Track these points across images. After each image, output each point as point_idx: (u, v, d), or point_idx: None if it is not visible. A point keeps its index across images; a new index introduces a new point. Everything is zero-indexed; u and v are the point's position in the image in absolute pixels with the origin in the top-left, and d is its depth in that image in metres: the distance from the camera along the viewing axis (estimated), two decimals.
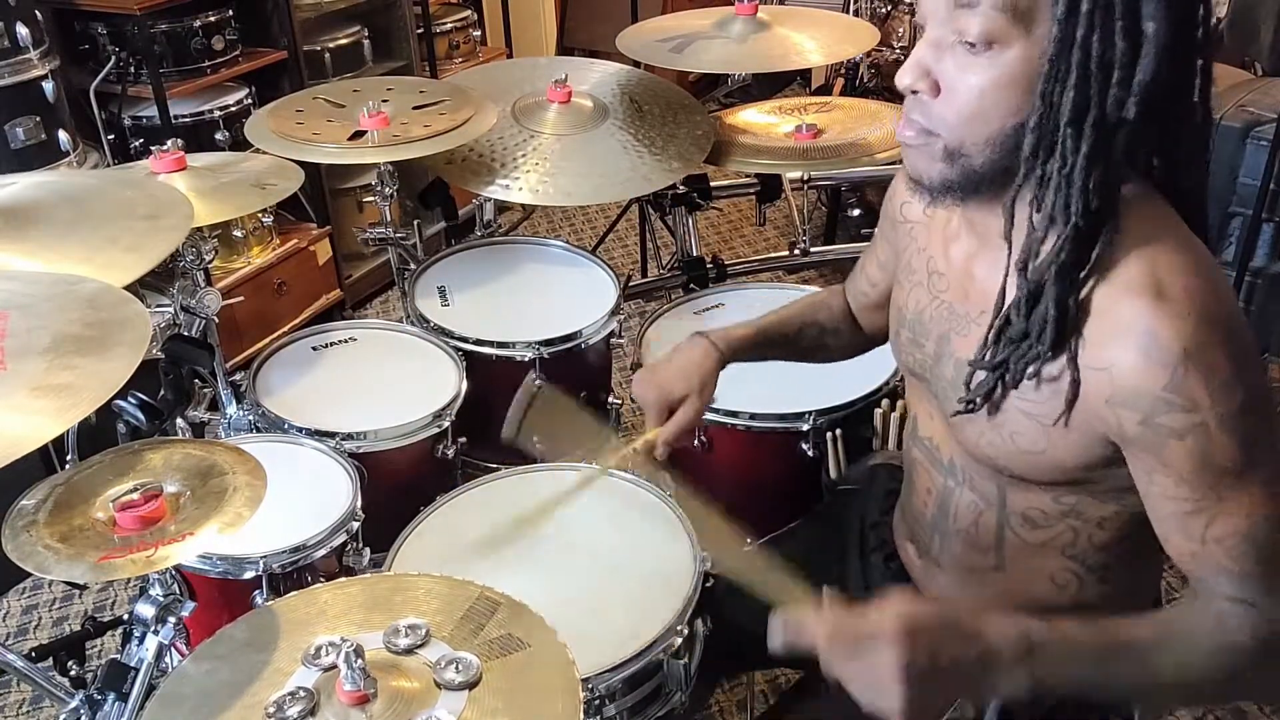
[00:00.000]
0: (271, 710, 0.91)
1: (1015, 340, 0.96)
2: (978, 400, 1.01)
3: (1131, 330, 0.89)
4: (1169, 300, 0.88)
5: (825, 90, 3.99)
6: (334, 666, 0.94)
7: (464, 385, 1.77)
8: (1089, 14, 0.84)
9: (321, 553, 1.47)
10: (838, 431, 1.62)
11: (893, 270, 1.22)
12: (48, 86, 2.33)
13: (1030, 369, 0.96)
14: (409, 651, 0.97)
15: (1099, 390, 0.92)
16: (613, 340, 1.95)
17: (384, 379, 1.81)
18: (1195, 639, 0.94)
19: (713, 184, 2.40)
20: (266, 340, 2.66)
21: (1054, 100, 0.87)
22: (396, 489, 1.68)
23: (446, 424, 1.72)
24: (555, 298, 2.00)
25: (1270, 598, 0.92)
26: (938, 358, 1.09)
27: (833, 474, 1.59)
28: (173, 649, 1.30)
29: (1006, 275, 0.97)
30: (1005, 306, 0.98)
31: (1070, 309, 0.93)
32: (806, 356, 1.42)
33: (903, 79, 0.94)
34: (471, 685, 0.94)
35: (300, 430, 1.66)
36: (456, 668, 0.95)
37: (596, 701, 1.19)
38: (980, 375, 1.00)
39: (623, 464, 1.35)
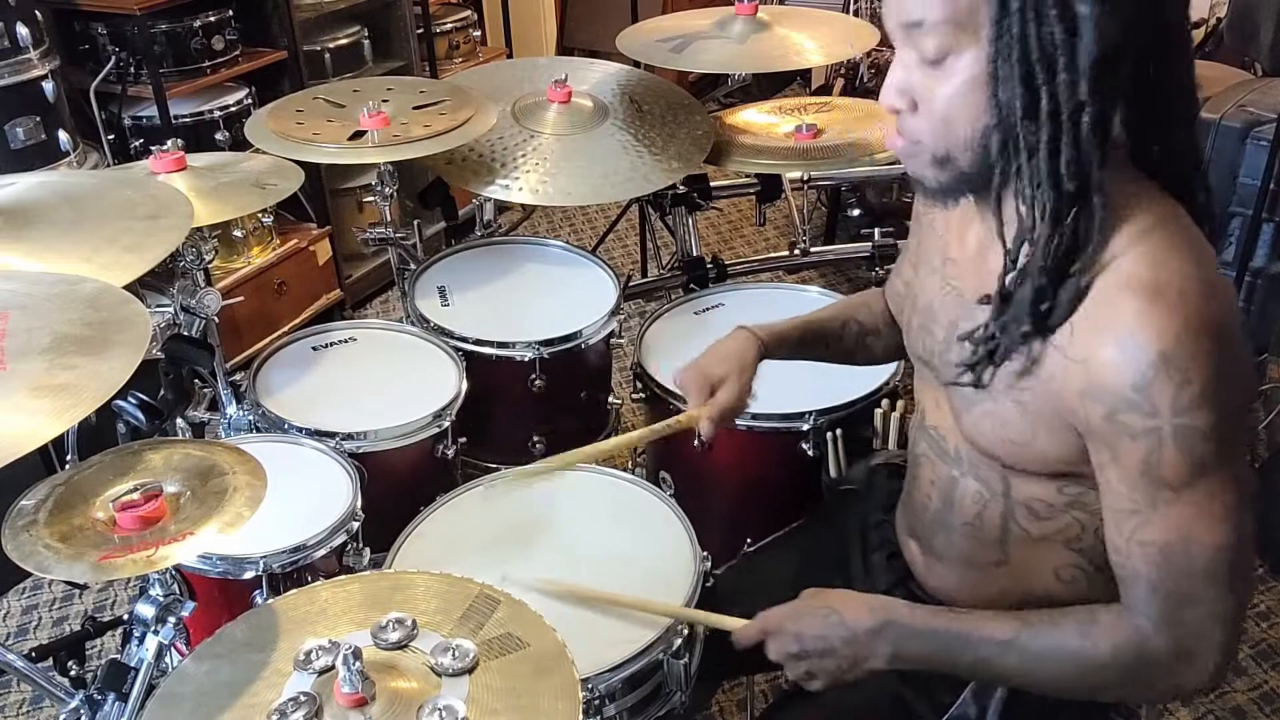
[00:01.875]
0: (275, 718, 0.91)
1: (1002, 322, 0.99)
2: (966, 372, 1.03)
3: (1116, 326, 0.90)
4: (1161, 302, 0.88)
5: (825, 90, 3.99)
6: (328, 669, 0.94)
7: (464, 385, 1.77)
8: (1020, 10, 0.87)
9: (321, 553, 1.47)
10: (838, 431, 1.62)
11: None
12: (48, 86, 2.33)
13: (1015, 351, 0.98)
14: (401, 646, 0.97)
15: (1075, 382, 0.93)
16: (613, 340, 1.95)
17: (384, 379, 1.81)
18: (1052, 643, 0.99)
19: (713, 184, 2.40)
20: (266, 340, 2.66)
21: (1004, 99, 0.90)
22: (396, 489, 1.68)
23: (446, 424, 1.72)
24: (555, 298, 2.00)
25: (1159, 624, 0.95)
26: (948, 345, 1.09)
27: (833, 474, 1.59)
28: (173, 649, 1.30)
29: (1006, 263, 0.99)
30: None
31: (1054, 296, 0.94)
32: (848, 357, 1.42)
33: (884, 101, 0.99)
34: (470, 670, 0.94)
35: (300, 430, 1.66)
36: (453, 654, 0.95)
37: (596, 701, 1.19)
38: (969, 349, 1.03)
39: (656, 436, 1.36)
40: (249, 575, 1.44)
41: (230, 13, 2.81)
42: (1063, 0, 0.86)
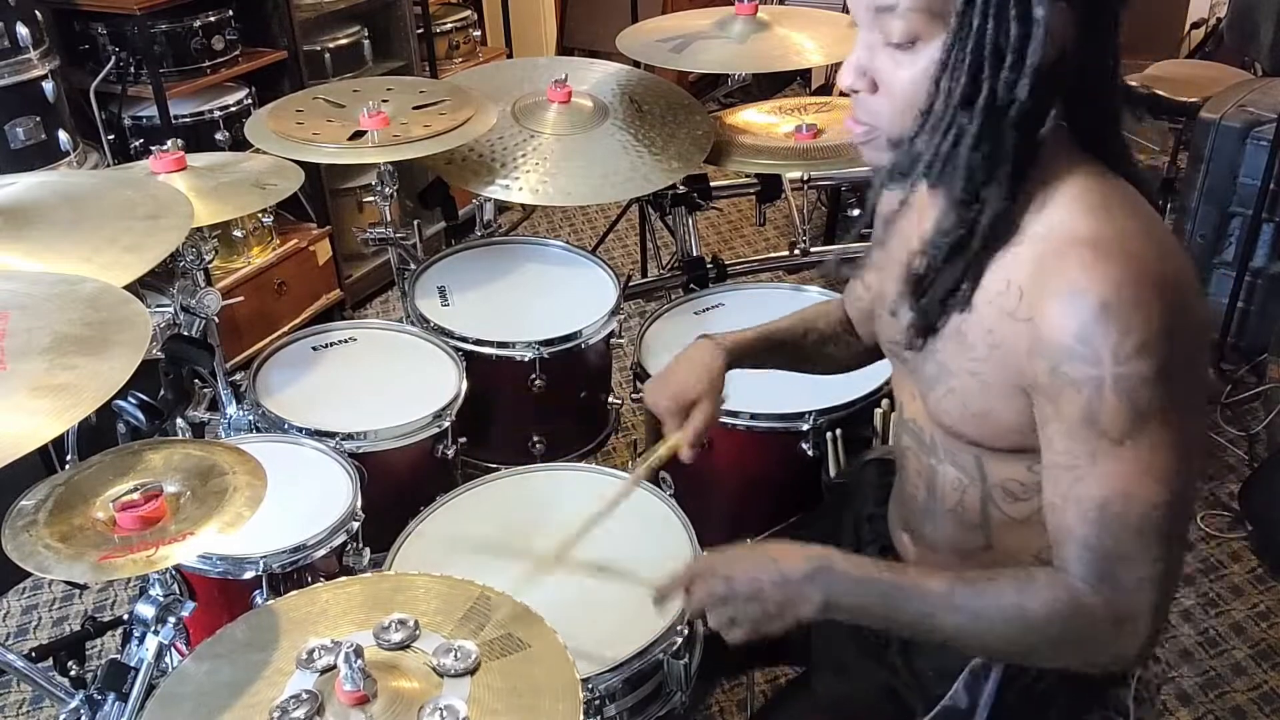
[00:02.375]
0: (276, 715, 0.91)
1: (910, 296, 1.03)
2: (905, 334, 1.06)
3: (1059, 283, 0.91)
4: (1104, 254, 0.90)
5: (825, 90, 3.99)
6: (330, 668, 0.94)
7: (464, 385, 1.77)
8: (984, 3, 0.88)
9: (321, 553, 1.47)
10: (838, 431, 1.62)
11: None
12: (48, 86, 2.33)
13: (937, 320, 1.01)
14: (403, 647, 0.97)
15: (1025, 341, 0.94)
16: (613, 340, 1.95)
17: (384, 379, 1.81)
18: (988, 602, 0.98)
19: (713, 184, 2.40)
20: (266, 340, 2.66)
21: (945, 86, 0.92)
22: (396, 489, 1.68)
23: (446, 424, 1.72)
24: (555, 298, 2.00)
25: (1094, 585, 0.94)
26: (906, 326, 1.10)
27: (832, 474, 1.59)
28: (173, 649, 1.30)
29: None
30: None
31: (959, 282, 0.98)
32: (810, 364, 1.42)
33: (843, 80, 1.00)
34: (472, 671, 0.94)
35: (300, 430, 1.66)
36: (455, 655, 0.95)
37: (596, 701, 1.19)
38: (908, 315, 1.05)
39: (650, 474, 1.33)
40: (249, 575, 1.44)
41: (230, 13, 2.81)
42: (1024, 1, 0.88)
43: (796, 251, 2.42)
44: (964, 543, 1.14)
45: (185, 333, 1.81)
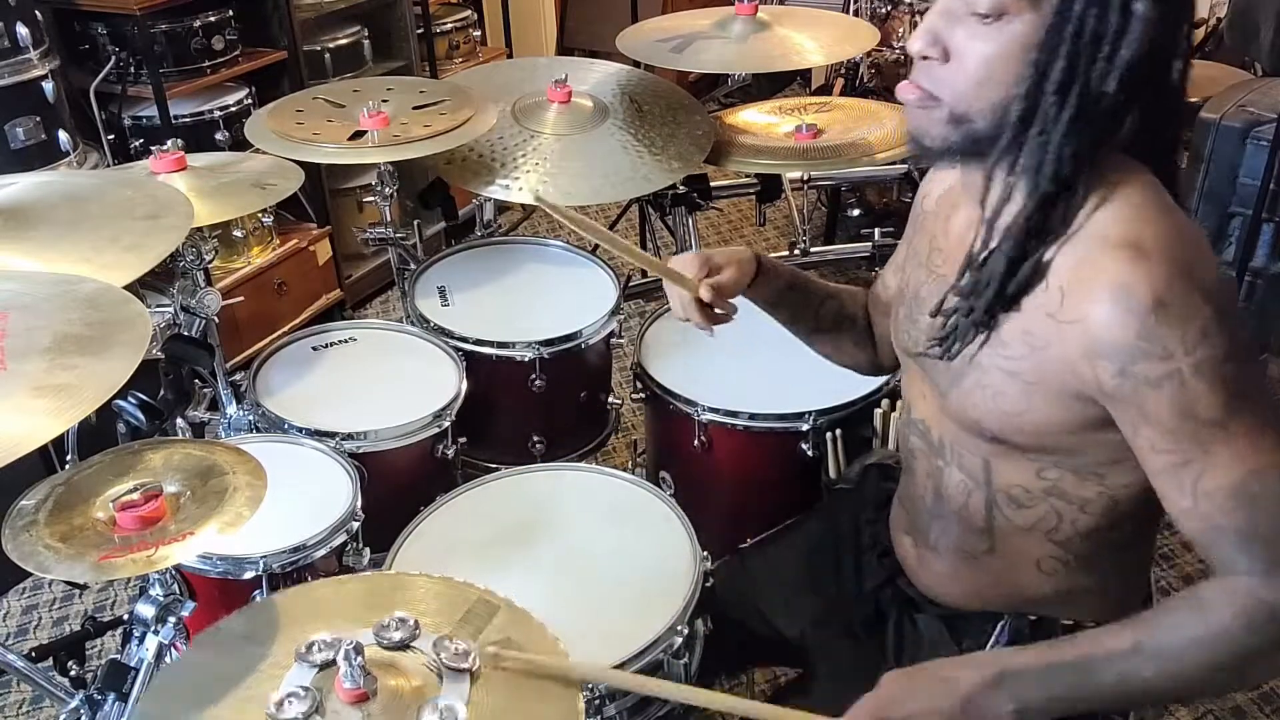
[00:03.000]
0: (273, 711, 0.91)
1: (966, 294, 1.00)
2: (935, 345, 1.04)
3: (1106, 283, 0.91)
4: (1145, 254, 0.90)
5: (825, 90, 3.99)
6: (330, 664, 0.94)
7: (464, 385, 1.77)
8: None
9: (321, 553, 1.47)
10: (838, 431, 1.62)
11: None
12: (48, 86, 2.32)
13: (981, 325, 0.99)
14: (403, 646, 0.97)
15: (1076, 344, 0.93)
16: (613, 340, 1.95)
17: (384, 379, 1.81)
18: (1176, 637, 0.93)
19: (713, 184, 2.40)
20: (266, 340, 2.66)
21: (1044, 69, 0.91)
22: (396, 489, 1.68)
23: (446, 424, 1.72)
24: (555, 298, 2.00)
25: (1268, 571, 0.90)
26: (930, 325, 1.10)
27: (832, 474, 1.59)
28: (173, 649, 1.30)
29: (976, 234, 1.00)
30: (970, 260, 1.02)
31: (1022, 270, 0.96)
32: (818, 331, 1.37)
33: (914, 44, 0.97)
34: (472, 670, 0.94)
35: (300, 430, 1.66)
36: (455, 653, 0.94)
37: (596, 701, 1.19)
38: (940, 322, 1.04)
39: (654, 268, 1.30)
40: (249, 575, 1.44)
41: (230, 13, 2.81)
42: None
43: (796, 251, 2.42)
44: (968, 546, 1.14)
45: (185, 333, 1.81)
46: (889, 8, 3.66)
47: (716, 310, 1.25)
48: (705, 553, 1.34)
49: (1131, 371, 0.90)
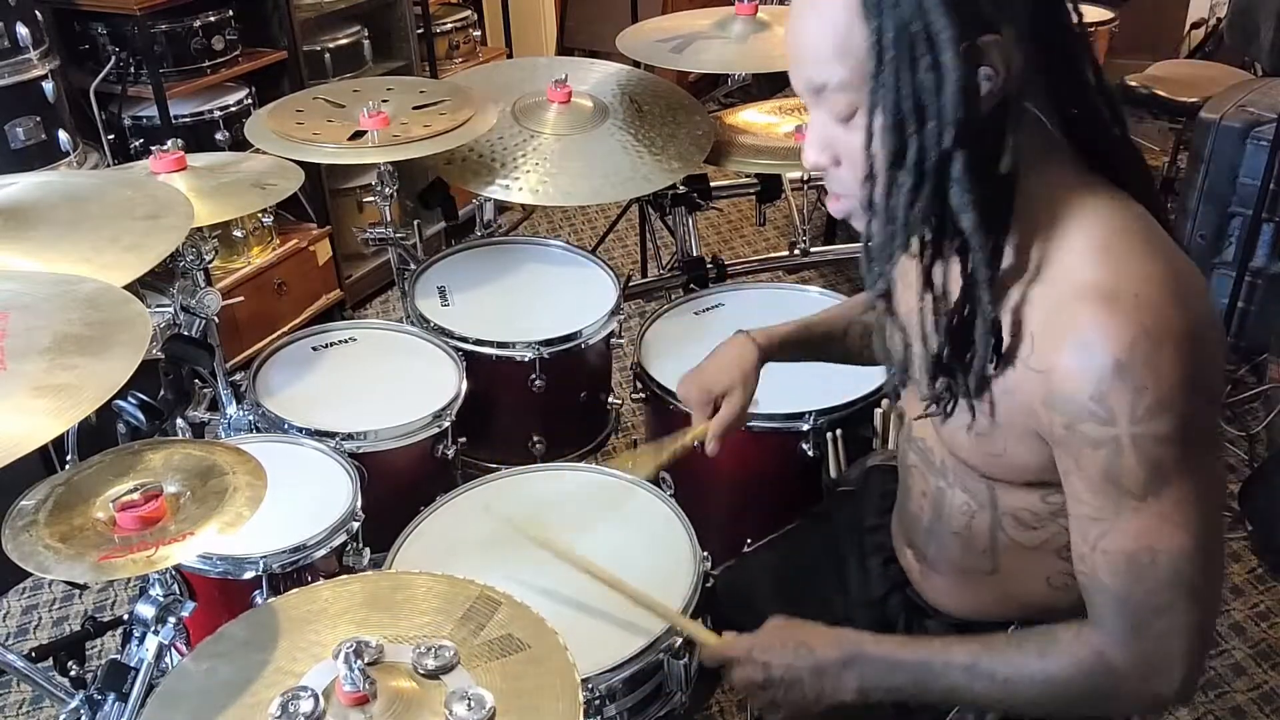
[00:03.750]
0: (276, 714, 0.91)
1: (950, 368, 1.00)
2: (934, 405, 1.03)
3: (1073, 335, 0.89)
4: (1118, 308, 0.87)
5: None
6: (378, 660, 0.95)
7: (464, 385, 1.77)
8: (894, 59, 0.86)
9: (321, 553, 1.47)
10: (838, 431, 1.62)
11: None
12: (48, 86, 2.32)
13: (964, 391, 0.99)
14: (434, 675, 0.96)
15: (1037, 392, 0.93)
16: (613, 340, 1.95)
17: (384, 379, 1.81)
18: (1012, 667, 1.00)
19: (713, 184, 2.40)
20: (266, 340, 2.66)
21: (874, 150, 0.90)
22: (396, 489, 1.68)
23: (446, 424, 1.72)
24: (555, 298, 2.00)
25: (1123, 637, 0.94)
26: (924, 358, 1.09)
27: (833, 474, 1.59)
28: (173, 649, 1.30)
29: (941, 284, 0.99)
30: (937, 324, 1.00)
31: (997, 340, 0.95)
32: (852, 356, 1.41)
33: (807, 159, 0.99)
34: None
35: (300, 430, 1.66)
36: (469, 705, 0.91)
37: (596, 701, 1.19)
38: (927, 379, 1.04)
39: (670, 459, 1.36)
40: (249, 575, 1.44)
41: (230, 13, 2.80)
42: (931, 49, 0.85)
43: (796, 251, 2.42)
44: (970, 566, 1.13)
45: (185, 333, 1.81)
46: None
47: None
48: (705, 553, 1.34)
49: (1077, 429, 0.90)
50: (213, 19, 2.75)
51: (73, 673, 1.54)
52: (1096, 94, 0.96)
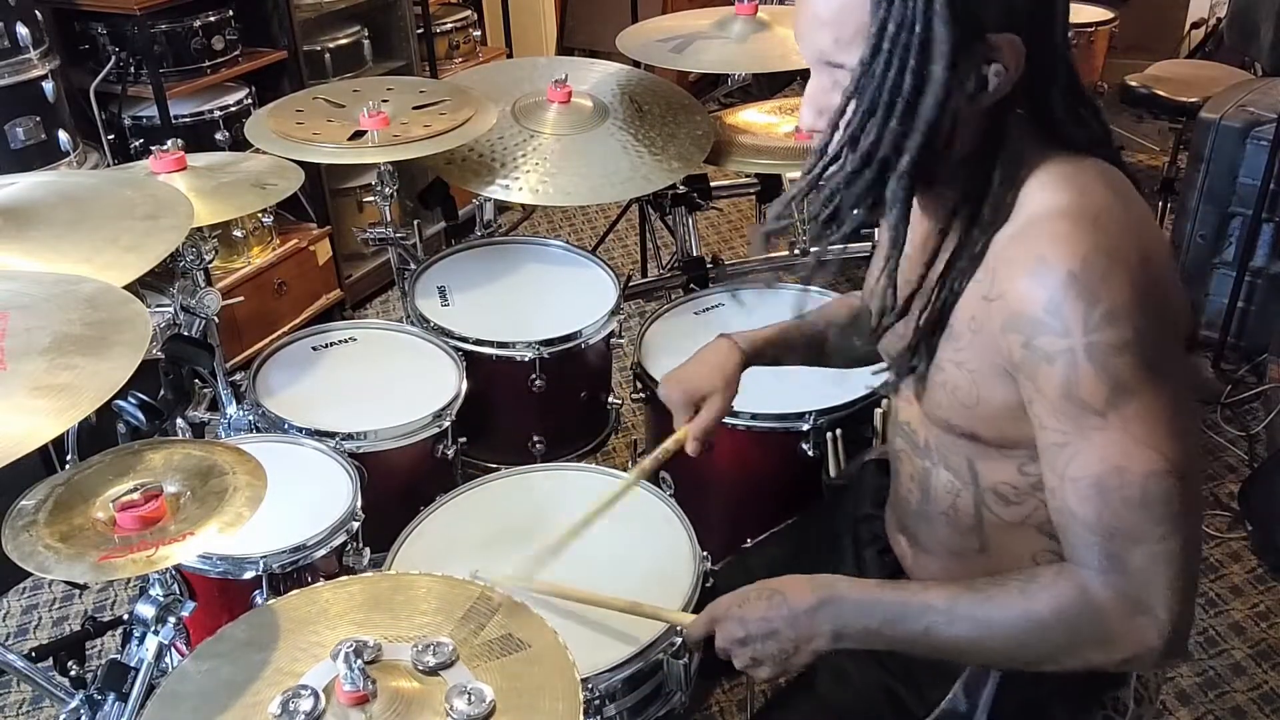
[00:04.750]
0: (277, 710, 0.91)
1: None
2: (901, 367, 1.06)
3: (1029, 254, 0.91)
4: (1072, 223, 0.90)
5: None
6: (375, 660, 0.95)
7: (464, 385, 1.77)
8: (888, 52, 0.89)
9: (321, 553, 1.47)
10: (838, 431, 1.62)
11: None
12: (48, 86, 2.32)
13: (943, 320, 1.01)
14: (433, 672, 0.96)
15: (996, 318, 0.94)
16: (613, 340, 1.95)
17: (384, 379, 1.81)
18: (992, 609, 0.97)
19: (713, 184, 2.40)
20: (266, 340, 2.66)
21: (841, 124, 0.94)
22: (396, 489, 1.68)
23: (446, 424, 1.72)
24: (555, 298, 2.00)
25: (1101, 570, 0.92)
26: (902, 338, 1.10)
27: (833, 473, 1.59)
28: (173, 649, 1.30)
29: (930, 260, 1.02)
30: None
31: (959, 265, 0.99)
32: (833, 358, 1.42)
33: (803, 120, 1.01)
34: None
35: (300, 430, 1.66)
36: (469, 699, 0.92)
37: (596, 701, 1.19)
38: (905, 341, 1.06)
39: (656, 465, 1.36)
40: (249, 575, 1.44)
41: (230, 13, 2.81)
42: (924, 56, 0.88)
43: (796, 251, 2.42)
44: (959, 546, 1.14)
45: (185, 333, 1.81)
46: None
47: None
48: (705, 553, 1.34)
49: (1033, 344, 0.90)
50: (213, 19, 2.75)
51: (73, 673, 1.54)
52: (1073, 96, 0.98)
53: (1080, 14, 3.32)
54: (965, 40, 0.87)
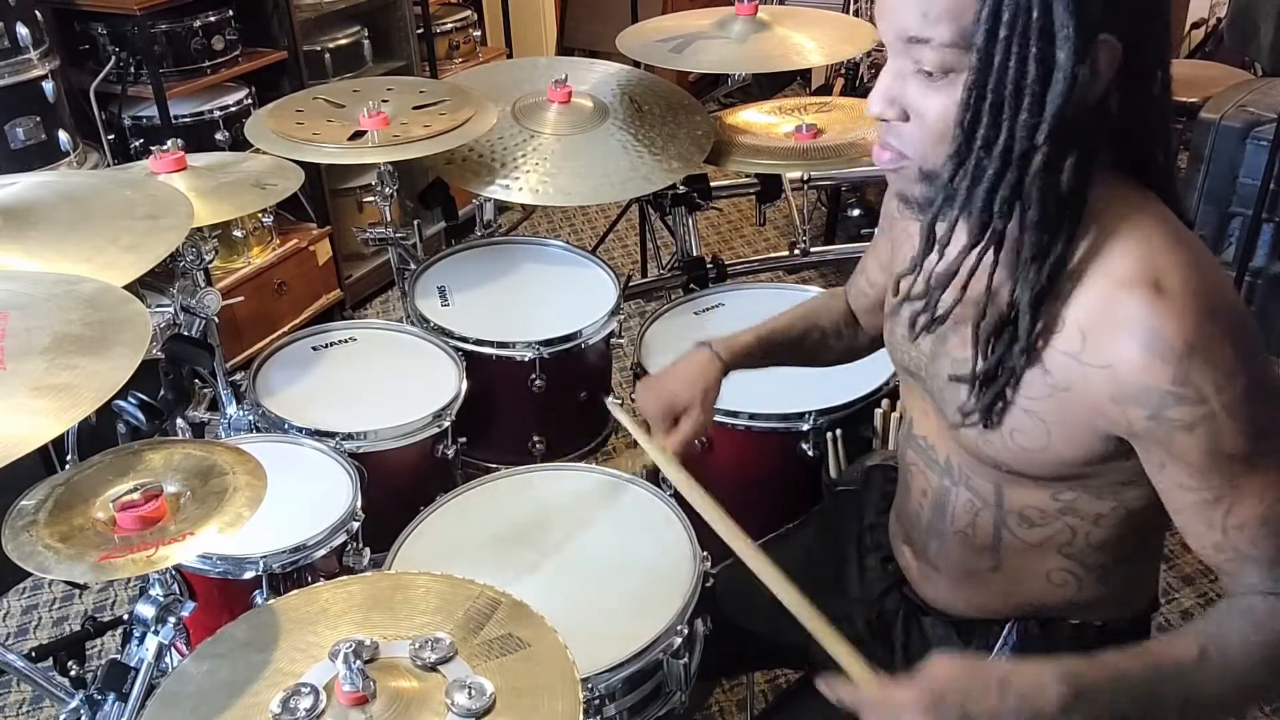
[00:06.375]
0: (277, 708, 0.91)
1: (992, 371, 0.99)
2: (978, 413, 1.01)
3: (1133, 327, 0.89)
4: (1168, 295, 0.89)
5: (825, 90, 4.00)
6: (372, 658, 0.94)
7: (464, 385, 1.77)
8: (1005, 41, 0.86)
9: (321, 553, 1.47)
10: (838, 431, 1.62)
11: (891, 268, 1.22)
12: (48, 86, 2.33)
13: (1023, 373, 0.97)
14: (432, 668, 0.96)
15: (1102, 388, 0.92)
16: (613, 340, 1.95)
17: (384, 379, 1.81)
18: (1233, 643, 0.94)
19: (713, 184, 2.40)
20: (266, 340, 2.66)
21: (969, 126, 0.90)
22: (396, 489, 1.68)
23: (446, 424, 1.72)
24: (555, 298, 2.00)
25: None
26: (933, 356, 1.09)
27: (833, 474, 1.59)
28: (173, 649, 1.30)
29: (991, 276, 0.97)
30: (984, 319, 0.99)
31: (1039, 324, 0.95)
32: (810, 360, 1.42)
33: (872, 108, 0.97)
34: (480, 714, 0.92)
35: (300, 430, 1.66)
36: (469, 693, 0.92)
37: (596, 701, 1.19)
38: (966, 388, 1.02)
39: (631, 469, 1.35)
40: (249, 575, 1.44)
41: (230, 13, 2.81)
42: (1046, 42, 0.85)
43: (796, 251, 2.42)
44: (971, 564, 1.13)
45: (185, 333, 1.81)
46: None
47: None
48: (705, 553, 1.34)
49: (1164, 416, 0.90)
50: (213, 19, 2.76)
51: (73, 673, 1.54)
52: (1159, 109, 0.96)
53: None
54: (1082, 29, 0.85)
